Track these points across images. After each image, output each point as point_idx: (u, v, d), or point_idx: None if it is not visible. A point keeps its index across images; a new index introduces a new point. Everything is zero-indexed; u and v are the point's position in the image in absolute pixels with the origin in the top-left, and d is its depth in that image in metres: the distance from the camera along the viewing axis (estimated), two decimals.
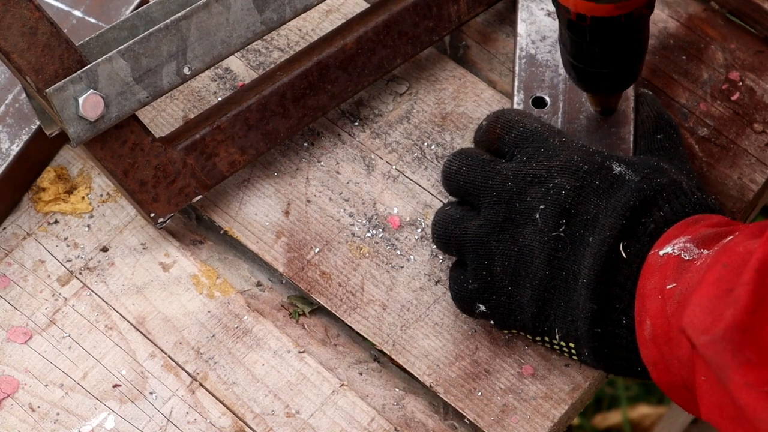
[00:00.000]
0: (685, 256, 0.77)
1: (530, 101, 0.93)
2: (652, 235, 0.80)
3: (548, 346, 0.86)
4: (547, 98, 0.92)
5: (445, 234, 0.87)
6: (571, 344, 0.84)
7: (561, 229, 0.82)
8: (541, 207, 0.83)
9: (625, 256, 0.80)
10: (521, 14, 0.95)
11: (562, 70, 0.93)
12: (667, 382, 0.78)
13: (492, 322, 0.86)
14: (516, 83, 0.93)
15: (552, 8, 0.95)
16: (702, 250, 0.77)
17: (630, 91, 0.92)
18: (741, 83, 0.98)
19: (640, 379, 0.83)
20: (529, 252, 0.83)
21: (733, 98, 0.97)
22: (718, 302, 0.69)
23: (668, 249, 0.78)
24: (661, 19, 1.00)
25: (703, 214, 0.82)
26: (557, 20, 0.94)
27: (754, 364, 0.66)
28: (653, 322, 0.77)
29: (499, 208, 0.84)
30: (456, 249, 0.86)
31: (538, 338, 0.85)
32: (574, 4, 0.82)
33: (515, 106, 0.93)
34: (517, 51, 0.94)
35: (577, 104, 0.92)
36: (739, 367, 0.67)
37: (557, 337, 0.84)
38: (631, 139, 0.91)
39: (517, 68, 0.93)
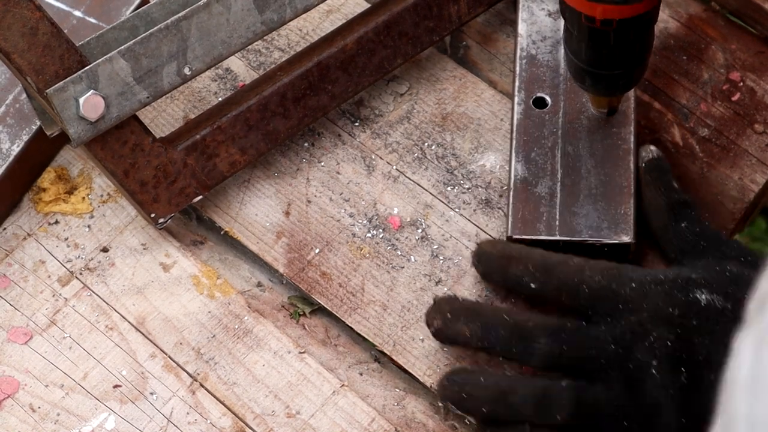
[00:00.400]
0: None
1: (531, 101, 0.92)
2: None
3: None
4: (547, 98, 0.92)
5: (584, 410, 0.82)
6: None
7: (683, 379, 0.80)
8: (654, 362, 0.80)
9: None
10: (522, 14, 0.95)
11: (563, 71, 0.93)
12: None
13: None
14: (517, 83, 0.93)
15: (553, 8, 0.95)
16: None
17: (630, 92, 0.92)
18: (742, 83, 0.98)
19: None
20: (658, 407, 0.80)
21: (734, 99, 0.97)
22: None
23: None
24: (661, 19, 1.00)
25: None
26: (559, 20, 0.94)
27: None
28: None
29: (614, 374, 0.81)
30: (592, 425, 0.82)
31: None
32: (601, 12, 0.80)
33: (516, 106, 0.93)
34: (518, 51, 0.94)
35: (577, 104, 0.92)
36: None
37: None
38: (632, 139, 0.91)
39: (517, 68, 0.93)
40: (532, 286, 0.85)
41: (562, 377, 0.83)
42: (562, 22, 0.93)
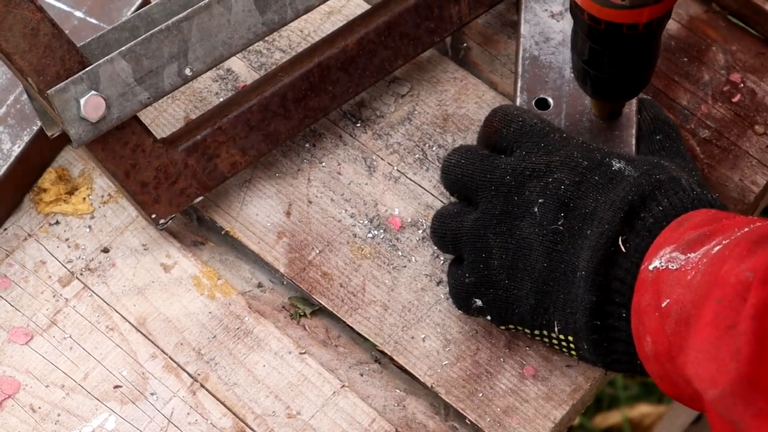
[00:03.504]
0: (672, 266, 0.77)
1: (533, 103, 0.92)
2: (651, 229, 0.80)
3: (546, 341, 0.85)
4: (550, 100, 0.92)
5: (441, 228, 0.87)
6: (570, 338, 0.83)
7: (559, 223, 0.82)
8: (540, 201, 0.83)
9: (624, 250, 0.80)
10: (524, 15, 0.95)
11: (566, 73, 0.92)
12: (676, 394, 0.78)
13: (489, 318, 0.86)
14: (519, 84, 0.92)
15: (555, 9, 0.94)
16: (688, 254, 0.76)
17: (632, 119, 0.92)
18: (742, 85, 0.98)
19: (640, 375, 0.83)
20: (527, 245, 0.83)
21: (734, 100, 0.97)
22: (720, 345, 0.69)
23: (656, 263, 0.78)
24: None
25: (697, 210, 0.81)
26: (562, 21, 0.94)
27: (766, 413, 0.66)
28: (654, 338, 0.77)
29: (497, 202, 0.85)
30: (453, 244, 0.87)
31: (536, 332, 0.85)
32: (607, 15, 0.81)
33: None
34: (520, 52, 0.93)
35: (580, 107, 0.92)
36: (753, 419, 0.66)
37: (556, 330, 0.84)
38: (633, 141, 0.91)
39: (519, 69, 0.93)
40: (484, 120, 0.89)
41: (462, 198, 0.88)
42: (564, 23, 0.93)
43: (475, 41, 1.00)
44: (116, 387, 0.88)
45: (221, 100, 0.96)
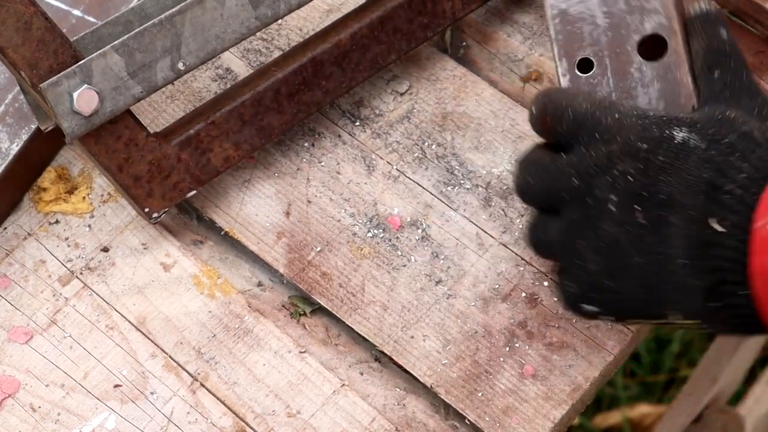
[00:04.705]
0: None
1: (575, 68, 0.85)
2: (743, 199, 0.75)
3: (675, 326, 0.82)
4: (591, 58, 0.85)
5: (534, 241, 0.84)
6: (698, 321, 0.79)
7: (638, 216, 0.78)
8: (612, 197, 0.79)
9: (722, 229, 0.75)
10: None
11: (598, 20, 0.85)
12: None
13: (611, 318, 0.83)
14: (556, 50, 0.85)
15: None
16: None
17: (675, 23, 0.85)
18: None
19: None
20: (615, 244, 0.79)
21: None
22: None
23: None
24: None
25: None
26: None
27: None
28: None
29: (574, 207, 0.81)
30: (549, 255, 0.84)
31: (661, 321, 0.81)
32: None
33: (560, 77, 0.86)
34: (549, 11, 0.85)
35: (623, 56, 0.85)
36: None
37: (678, 316, 0.79)
38: (690, 80, 0.84)
39: (552, 32, 0.85)
40: (533, 110, 0.83)
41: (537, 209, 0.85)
42: None
43: (475, 39, 1.00)
44: (116, 386, 0.88)
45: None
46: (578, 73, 0.85)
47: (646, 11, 0.84)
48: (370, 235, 0.93)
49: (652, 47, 0.85)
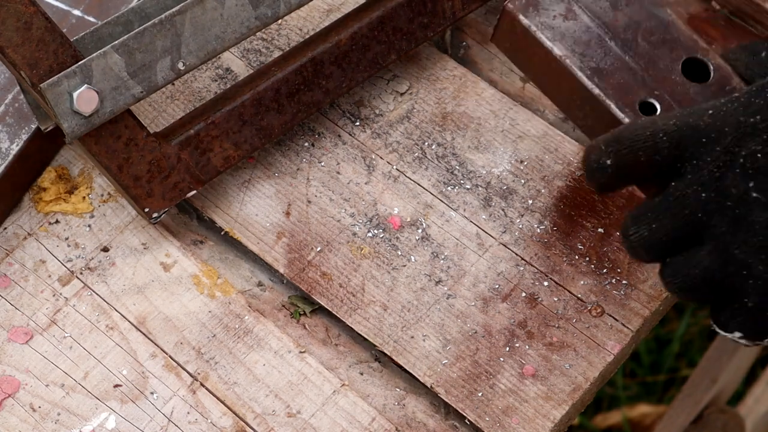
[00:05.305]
0: None
1: (638, 110, 0.82)
2: None
3: None
4: (650, 100, 0.82)
5: (687, 282, 0.76)
6: None
7: None
8: (750, 184, 0.73)
9: None
10: (544, 35, 0.84)
11: (632, 63, 0.83)
12: None
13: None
14: (608, 103, 0.81)
15: (560, 10, 0.85)
16: None
17: (701, 43, 0.84)
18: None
19: None
20: None
21: None
22: None
23: None
24: None
25: None
26: (578, 19, 0.85)
27: None
28: None
29: (716, 222, 0.74)
30: (709, 287, 0.76)
31: None
32: None
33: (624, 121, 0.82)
34: (580, 74, 0.82)
35: (677, 86, 0.82)
36: None
37: None
38: (743, 84, 0.83)
39: (594, 89, 0.82)
40: (608, 162, 0.77)
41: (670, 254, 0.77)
42: (582, 18, 0.84)
43: (475, 39, 1.00)
44: (116, 386, 0.88)
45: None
46: (642, 114, 0.82)
47: (668, 41, 0.83)
48: (370, 235, 0.93)
49: (693, 69, 0.83)
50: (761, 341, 0.76)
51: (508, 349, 0.89)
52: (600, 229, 0.92)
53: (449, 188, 0.94)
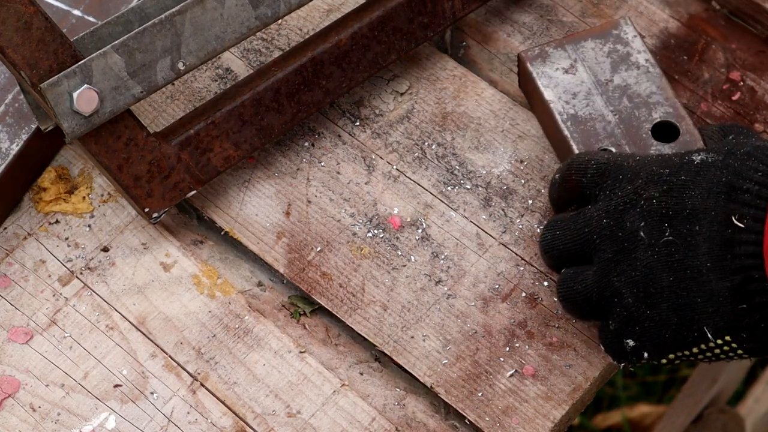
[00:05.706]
0: None
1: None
2: (760, 194, 0.78)
3: (710, 356, 0.84)
4: (611, 148, 0.91)
5: (570, 294, 0.86)
6: (727, 338, 0.81)
7: (667, 234, 0.81)
8: (642, 224, 0.82)
9: (743, 225, 0.78)
10: (541, 81, 0.94)
11: (609, 117, 0.92)
12: None
13: (647, 356, 0.84)
14: (573, 146, 0.91)
15: (564, 65, 0.94)
16: None
17: (681, 110, 0.92)
18: (742, 83, 0.98)
19: None
20: (649, 269, 0.82)
21: (734, 98, 0.97)
22: None
23: None
24: (662, 19, 1.00)
25: None
26: (578, 73, 0.94)
27: None
28: None
29: (605, 247, 0.84)
30: (587, 304, 0.86)
31: (695, 350, 0.83)
32: None
33: None
34: (557, 116, 0.92)
35: (641, 142, 0.91)
36: None
37: (710, 336, 0.81)
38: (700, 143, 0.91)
39: (566, 132, 0.92)
40: (556, 177, 0.89)
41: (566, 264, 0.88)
42: (580, 73, 0.93)
43: (475, 39, 1.00)
44: (116, 386, 0.88)
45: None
46: None
47: (651, 104, 0.92)
48: (370, 235, 0.93)
49: (666, 132, 0.92)
50: (624, 361, 0.86)
51: (508, 349, 0.89)
52: None
53: (449, 188, 0.94)
